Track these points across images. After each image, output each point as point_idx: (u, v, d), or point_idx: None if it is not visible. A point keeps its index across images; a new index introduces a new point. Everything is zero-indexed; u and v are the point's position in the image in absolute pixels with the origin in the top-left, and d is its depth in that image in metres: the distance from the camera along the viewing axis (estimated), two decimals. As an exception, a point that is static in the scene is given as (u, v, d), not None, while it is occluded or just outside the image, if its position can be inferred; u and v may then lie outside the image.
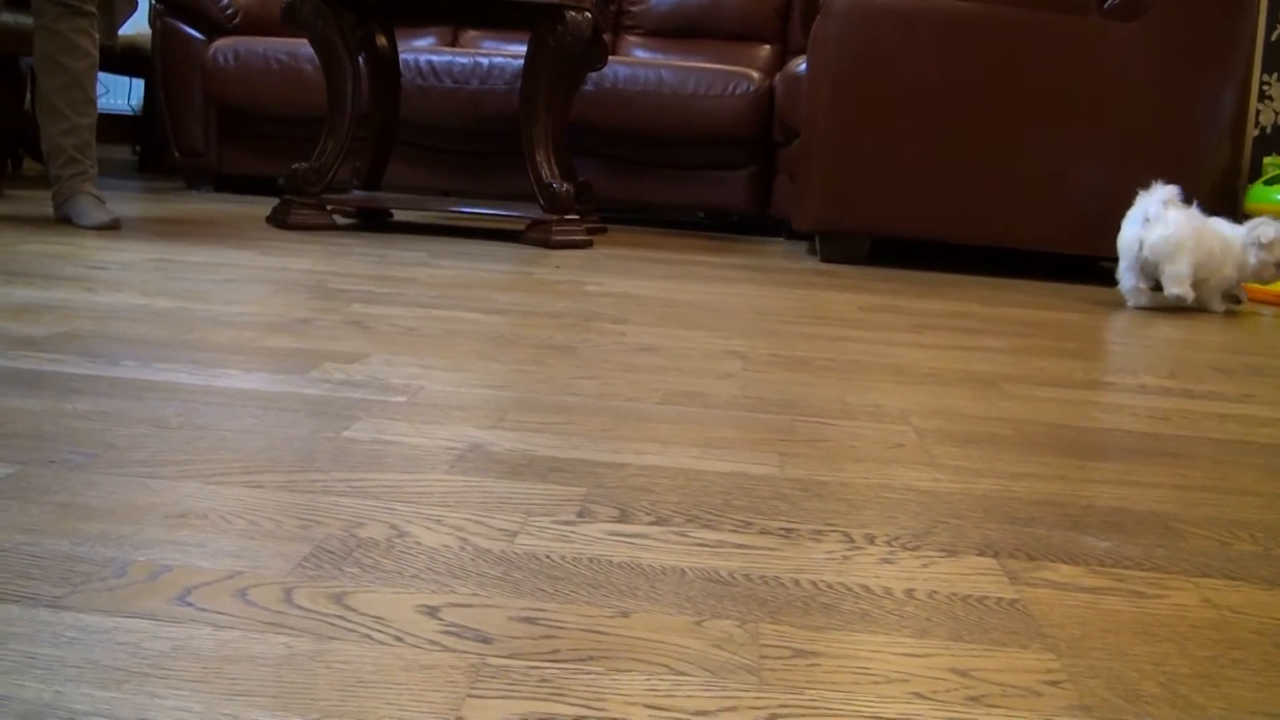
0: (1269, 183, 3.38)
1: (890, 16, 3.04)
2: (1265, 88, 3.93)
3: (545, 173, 3.06)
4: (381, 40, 3.41)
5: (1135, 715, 0.60)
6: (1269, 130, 3.93)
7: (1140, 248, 2.55)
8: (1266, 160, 3.60)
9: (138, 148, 5.79)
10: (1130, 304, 2.62)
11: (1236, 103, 3.12)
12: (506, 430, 1.07)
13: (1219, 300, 2.66)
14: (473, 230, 3.33)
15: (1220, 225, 2.61)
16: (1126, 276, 2.61)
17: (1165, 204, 2.54)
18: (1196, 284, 2.57)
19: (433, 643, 0.62)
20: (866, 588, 0.74)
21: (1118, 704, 0.61)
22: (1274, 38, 3.90)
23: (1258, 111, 3.94)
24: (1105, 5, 3.05)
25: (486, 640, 0.62)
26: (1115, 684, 0.63)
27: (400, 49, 3.85)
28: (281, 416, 1.07)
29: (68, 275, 1.87)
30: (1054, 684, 0.62)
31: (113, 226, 2.65)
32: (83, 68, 2.65)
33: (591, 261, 2.71)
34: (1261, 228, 2.58)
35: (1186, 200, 2.59)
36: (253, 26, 4.42)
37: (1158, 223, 2.54)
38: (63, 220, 2.72)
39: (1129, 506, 0.98)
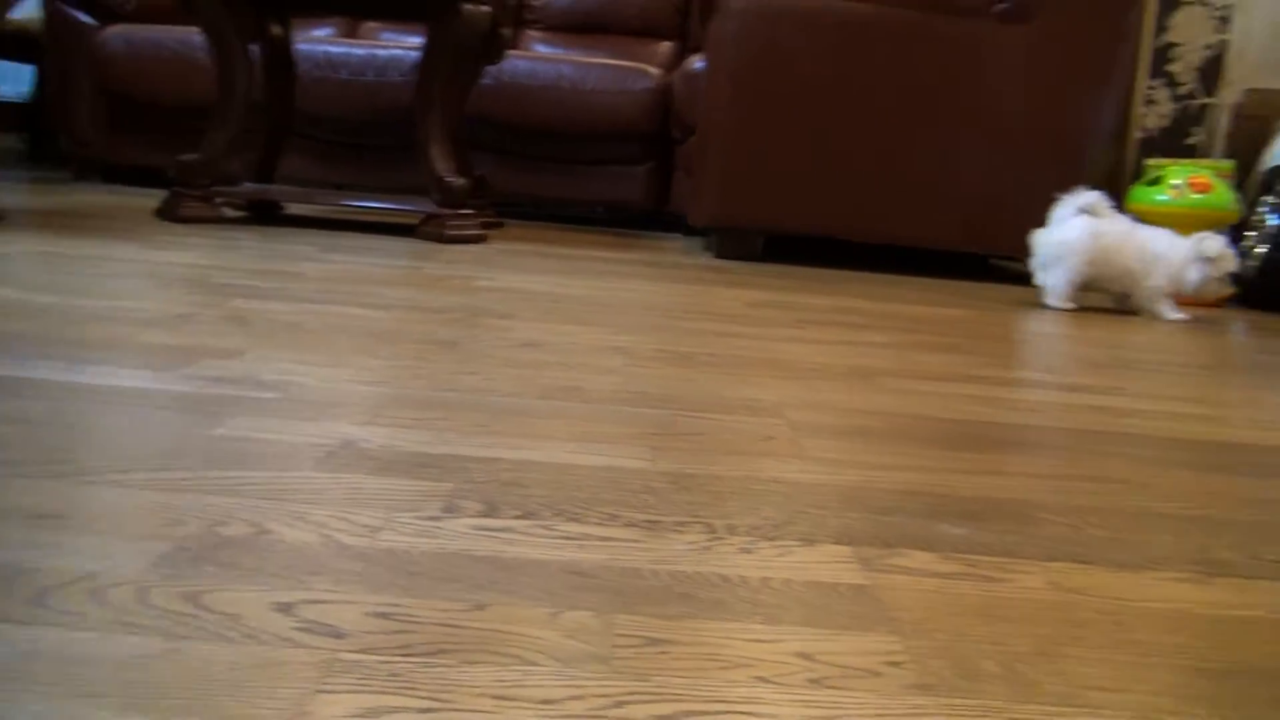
0: (1150, 184, 3.49)
1: (787, 17, 3.08)
2: (1150, 92, 4.05)
3: (439, 166, 3.05)
4: (276, 29, 3.36)
5: (973, 693, 0.62)
6: (1156, 134, 4.06)
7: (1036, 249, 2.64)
8: (1148, 162, 3.71)
9: (27, 136, 5.63)
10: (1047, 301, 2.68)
11: (1120, 106, 3.22)
12: (380, 426, 1.07)
13: (1167, 307, 2.66)
14: (366, 225, 3.30)
15: (1152, 235, 2.63)
16: (1038, 275, 2.69)
17: (1079, 209, 2.60)
18: (1120, 294, 2.64)
19: (284, 639, 0.62)
20: (724, 577, 0.76)
21: (956, 682, 0.63)
22: (1159, 43, 4.03)
23: (1142, 115, 4.06)
24: (995, 9, 3.12)
25: (339, 635, 0.63)
26: (956, 663, 0.66)
27: (297, 39, 3.80)
28: (152, 414, 1.06)
29: (-61, 270, 1.82)
30: (895, 664, 0.65)
31: None
32: None
33: (485, 256, 2.70)
34: (1206, 242, 2.60)
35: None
36: (148, 13, 4.33)
37: (1056, 227, 2.61)
38: None
39: (988, 495, 1.01)
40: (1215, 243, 2.60)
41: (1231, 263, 2.60)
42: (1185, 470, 1.17)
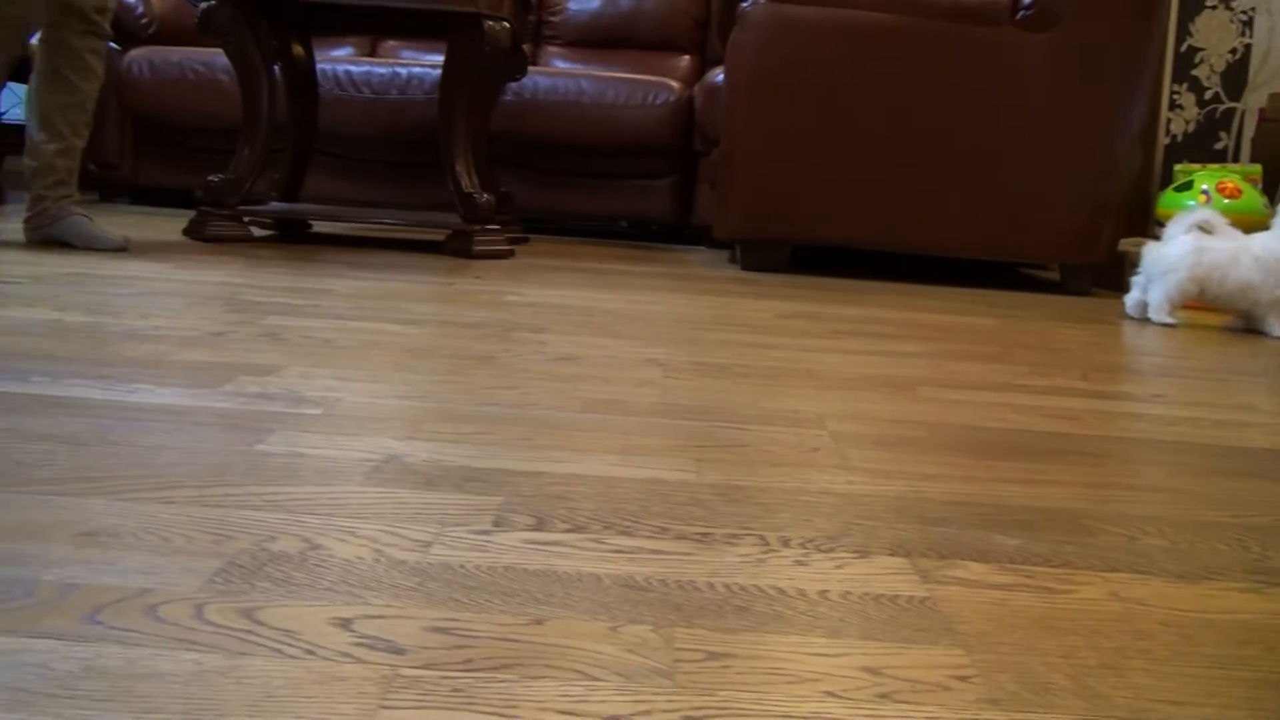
0: (1179, 189, 3.47)
1: (806, 27, 3.08)
2: (1175, 97, 4.03)
3: (465, 182, 3.05)
4: (298, 50, 3.37)
5: (1043, 707, 0.61)
6: (1179, 138, 4.04)
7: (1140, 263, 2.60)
8: (1177, 167, 3.69)
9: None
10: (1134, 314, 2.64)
11: (1147, 111, 3.20)
12: (423, 441, 1.06)
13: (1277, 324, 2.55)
14: (393, 241, 3.31)
15: (1267, 243, 2.50)
16: (1139, 289, 2.64)
17: (1190, 226, 2.55)
18: (1243, 310, 2.55)
19: (344, 655, 0.61)
20: (780, 590, 0.75)
21: (1026, 696, 0.62)
22: (1183, 49, 4.01)
23: (1168, 120, 4.04)
24: (1018, 16, 3.11)
25: (399, 651, 0.62)
26: (1023, 677, 0.64)
27: (318, 59, 3.81)
28: (194, 431, 1.05)
29: (-27, 291, 1.83)
30: (963, 679, 0.64)
31: (123, 248, 2.58)
32: (90, 90, 2.57)
33: (512, 271, 2.70)
34: None
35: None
36: (169, 36, 4.35)
37: (1164, 243, 2.58)
38: (48, 241, 2.59)
39: (1038, 505, 1.00)
40: None
41: None
42: (1236, 478, 1.15)
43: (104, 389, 1.20)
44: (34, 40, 2.56)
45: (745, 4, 3.11)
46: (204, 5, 2.97)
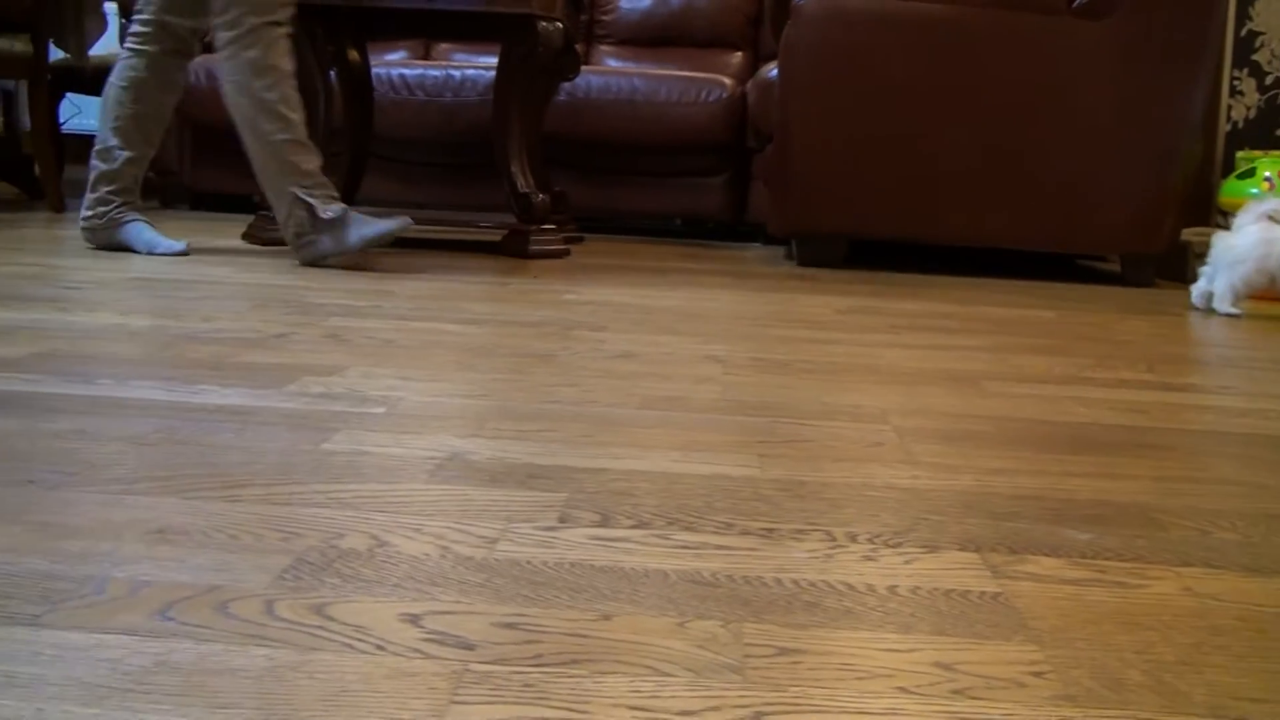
0: (1241, 176, 3.41)
1: (860, 20, 3.06)
2: (1236, 83, 3.96)
3: (520, 183, 3.06)
4: (353, 55, 3.40)
5: (1119, 704, 0.60)
6: (1240, 125, 3.96)
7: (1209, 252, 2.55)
8: (1239, 154, 3.62)
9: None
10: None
11: (1207, 98, 3.14)
12: (486, 438, 1.07)
13: None
14: (449, 242, 3.33)
15: None
16: (1206, 279, 2.58)
17: (1261, 215, 2.50)
18: None
19: (415, 650, 0.61)
20: (849, 585, 0.74)
21: (1102, 693, 0.61)
22: (1243, 33, 3.94)
23: (1229, 107, 3.97)
24: (1074, 4, 3.07)
25: (469, 647, 0.62)
26: (1099, 673, 0.63)
27: (373, 63, 3.84)
28: (260, 431, 1.06)
29: (42, 296, 1.86)
30: (1038, 675, 0.63)
31: (184, 253, 2.57)
32: (170, 103, 2.64)
33: (569, 271, 2.71)
34: None
35: None
36: (224, 44, 4.40)
37: (1232, 233, 2.53)
38: (108, 247, 2.58)
39: (1109, 499, 0.98)
40: None
41: None
42: (1312, 470, 1.13)
43: (169, 390, 1.21)
44: (98, 51, 2.59)
45: (798, -1, 3.09)
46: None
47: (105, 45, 4.70)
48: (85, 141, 5.90)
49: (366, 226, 2.44)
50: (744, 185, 4.18)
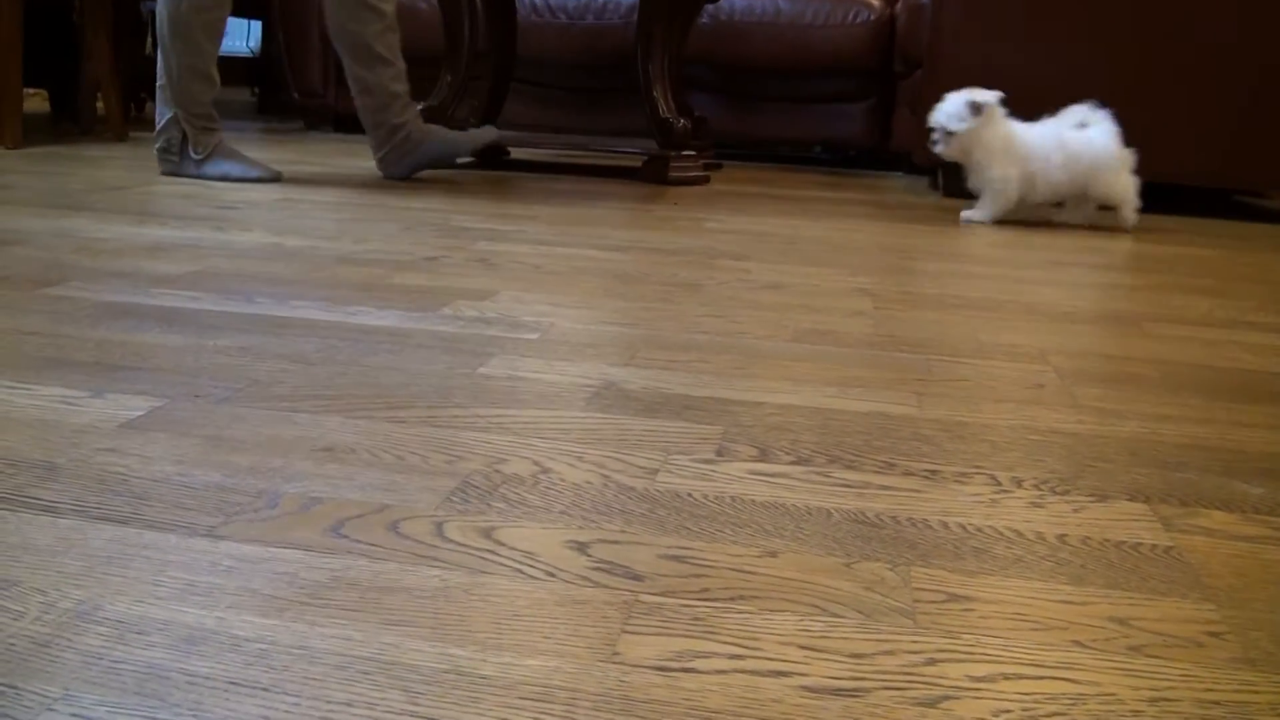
0: None
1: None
2: None
3: (662, 108, 3.04)
4: (498, -24, 3.39)
5: (1305, 669, 0.58)
6: None
7: None
8: None
9: (256, 89, 5.88)
10: None
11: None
12: (639, 368, 1.07)
13: None
14: (589, 167, 3.32)
15: None
16: None
17: None
18: None
19: (584, 579, 0.62)
20: (1017, 532, 0.72)
21: (1286, 656, 0.59)
22: None
23: None
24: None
25: (637, 578, 0.62)
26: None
27: (516, -15, 3.83)
28: (417, 353, 1.08)
29: (198, 215, 1.91)
30: (1215, 635, 0.60)
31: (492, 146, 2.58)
32: (392, 10, 2.56)
33: (709, 198, 2.68)
34: None
35: None
36: (370, -35, 4.43)
37: None
38: (414, 172, 2.66)
39: (1285, 451, 0.94)
40: None
41: None
42: None
43: (327, 310, 1.24)
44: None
45: (954, -81, 2.98)
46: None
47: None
48: (232, 63, 6.02)
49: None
50: (888, 112, 4.08)
